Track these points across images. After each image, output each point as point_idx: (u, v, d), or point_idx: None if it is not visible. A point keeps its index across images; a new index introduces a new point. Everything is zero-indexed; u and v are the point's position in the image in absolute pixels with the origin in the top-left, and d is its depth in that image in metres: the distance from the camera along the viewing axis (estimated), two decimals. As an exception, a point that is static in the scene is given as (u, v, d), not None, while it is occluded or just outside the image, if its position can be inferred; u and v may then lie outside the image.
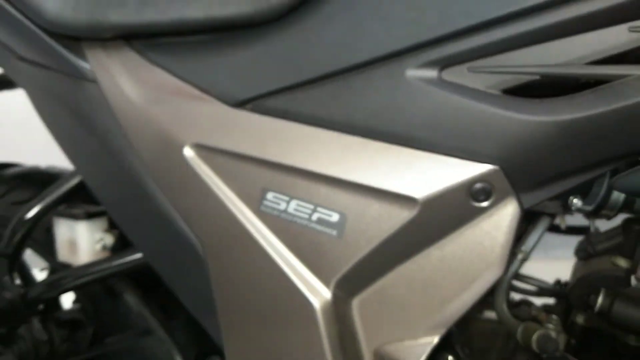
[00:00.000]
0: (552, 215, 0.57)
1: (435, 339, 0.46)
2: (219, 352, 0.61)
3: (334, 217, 0.49)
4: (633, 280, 0.55)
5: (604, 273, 0.56)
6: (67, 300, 0.96)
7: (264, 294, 0.53)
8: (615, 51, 0.39)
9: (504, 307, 0.55)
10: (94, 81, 0.61)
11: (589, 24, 0.39)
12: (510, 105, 0.42)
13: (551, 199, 0.51)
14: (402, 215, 0.45)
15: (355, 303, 0.50)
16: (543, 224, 0.58)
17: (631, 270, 0.55)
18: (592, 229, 0.60)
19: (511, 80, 0.42)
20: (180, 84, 0.57)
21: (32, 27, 0.64)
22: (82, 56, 0.63)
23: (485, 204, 0.44)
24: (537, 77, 0.41)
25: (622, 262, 0.56)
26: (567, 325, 0.57)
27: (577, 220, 0.64)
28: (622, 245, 0.57)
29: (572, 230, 0.63)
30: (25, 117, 0.82)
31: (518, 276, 0.66)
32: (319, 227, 0.49)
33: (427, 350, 0.46)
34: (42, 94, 0.71)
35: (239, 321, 0.55)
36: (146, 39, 0.60)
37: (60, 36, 0.63)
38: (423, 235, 0.46)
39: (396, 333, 0.48)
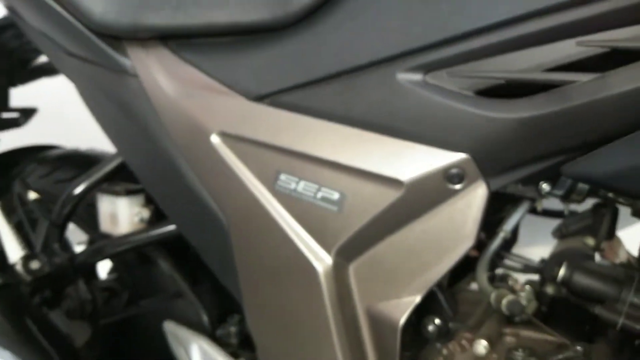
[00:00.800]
0: (532, 200, 0.65)
1: (417, 298, 0.55)
2: (239, 311, 0.71)
3: (335, 196, 0.57)
4: (597, 256, 0.63)
5: (574, 250, 0.64)
6: (104, 271, 1.07)
7: (276, 260, 0.62)
8: (565, 61, 0.47)
9: (484, 277, 0.63)
10: (134, 75, 0.71)
11: (545, 38, 0.47)
12: (479, 104, 0.50)
13: (521, 183, 0.59)
14: (390, 195, 0.54)
15: (352, 268, 0.58)
16: (523, 207, 0.66)
17: (596, 248, 0.63)
18: (566, 212, 0.67)
19: (482, 83, 0.50)
20: (208, 80, 0.65)
21: (81, 27, 0.73)
22: (124, 53, 0.72)
23: (458, 186, 0.52)
24: (503, 82, 0.49)
25: (590, 241, 0.64)
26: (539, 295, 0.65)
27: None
28: (591, 226, 0.65)
29: (550, 214, 0.70)
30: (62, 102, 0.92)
31: (506, 254, 0.74)
32: (322, 204, 0.58)
33: (410, 307, 0.55)
34: (88, 85, 0.81)
35: (255, 282, 0.65)
36: (179, 40, 0.69)
37: (104, 35, 0.72)
38: (408, 212, 0.54)
39: (385, 293, 0.57)
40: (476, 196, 0.52)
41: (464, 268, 0.70)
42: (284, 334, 0.63)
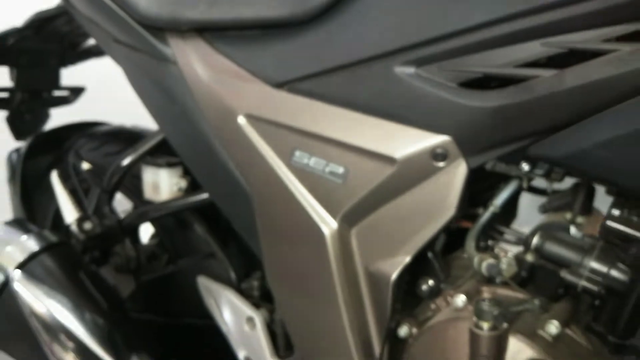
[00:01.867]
0: (520, 178, 0.73)
1: (407, 258, 0.63)
2: (261, 268, 0.81)
3: (340, 170, 0.65)
4: (572, 229, 0.71)
5: (552, 223, 0.72)
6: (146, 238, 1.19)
7: (290, 224, 0.70)
8: (531, 59, 0.54)
9: (472, 245, 0.69)
10: (174, 63, 0.80)
11: (516, 39, 0.54)
12: (460, 94, 0.56)
13: (504, 162, 0.67)
14: (386, 170, 0.62)
15: (354, 232, 0.67)
16: (512, 185, 0.73)
17: (571, 221, 0.71)
18: (549, 190, 0.75)
19: (464, 76, 0.57)
20: (237, 68, 0.74)
21: (128, 18, 0.83)
22: (166, 43, 0.81)
23: (442, 164, 0.59)
24: (481, 75, 0.58)
25: (568, 216, 0.72)
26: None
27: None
28: (569, 203, 0.73)
29: (536, 191, 0.78)
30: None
31: (502, 228, 0.81)
32: (329, 177, 0.66)
33: (402, 265, 0.63)
34: (134, 70, 0.90)
35: (273, 243, 0.74)
36: (213, 32, 0.77)
37: (149, 26, 0.81)
38: (400, 185, 0.62)
39: (381, 253, 0.65)
40: (457, 173, 0.59)
41: (460, 239, 0.79)
42: (296, 288, 0.73)
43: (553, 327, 0.57)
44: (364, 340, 0.69)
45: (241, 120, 0.73)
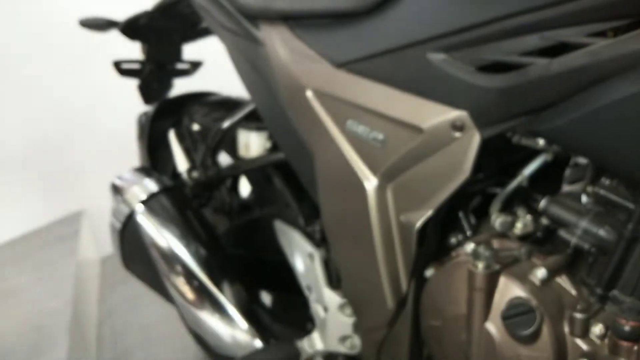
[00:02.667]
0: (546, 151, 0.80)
1: (430, 211, 0.73)
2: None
3: (381, 136, 0.77)
4: (583, 197, 0.78)
5: (569, 192, 0.80)
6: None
7: (341, 179, 0.83)
8: (531, 48, 0.63)
9: (496, 206, 0.78)
10: (263, 45, 0.95)
11: (522, 31, 0.64)
12: (476, 77, 0.66)
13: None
14: (415, 138, 0.72)
15: (389, 187, 0.78)
16: (540, 158, 0.79)
17: (583, 190, 0.77)
18: (571, 163, 0.81)
19: (480, 62, 0.66)
20: (309, 51, 0.87)
21: (231, 8, 0.99)
22: (258, 28, 0.95)
23: (459, 134, 0.68)
24: (493, 61, 0.68)
25: (581, 186, 0.79)
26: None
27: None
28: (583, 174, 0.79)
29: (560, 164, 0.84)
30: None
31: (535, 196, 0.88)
32: (372, 142, 0.78)
33: (425, 216, 0.74)
34: (234, 50, 1.07)
35: (327, 195, 0.88)
36: (295, 20, 0.90)
37: (246, 15, 0.97)
38: (426, 150, 0.72)
39: (409, 206, 0.77)
40: (472, 142, 0.68)
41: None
42: (343, 232, 0.87)
43: (540, 273, 0.67)
44: (394, 278, 0.82)
45: (309, 94, 0.87)
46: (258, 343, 1.03)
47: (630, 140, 0.58)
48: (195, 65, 1.54)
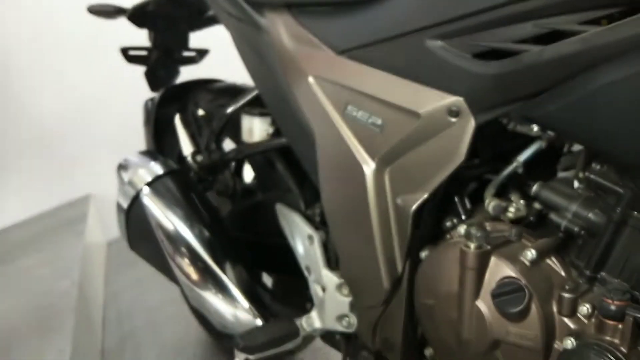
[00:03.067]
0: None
1: (426, 195, 0.75)
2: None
3: (379, 121, 0.78)
4: (575, 183, 0.80)
5: (562, 178, 0.82)
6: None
7: (340, 162, 0.85)
8: (524, 36, 0.64)
9: (491, 191, 0.79)
10: (267, 32, 0.97)
11: (515, 20, 0.66)
12: (472, 63, 0.67)
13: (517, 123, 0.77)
14: (413, 123, 0.74)
15: (387, 171, 0.80)
16: (535, 145, 0.80)
17: (575, 176, 0.79)
18: (565, 150, 0.83)
19: (476, 49, 0.67)
20: (311, 37, 0.88)
21: None
22: (263, 15, 0.97)
23: (454, 119, 0.69)
24: (489, 48, 0.70)
25: (574, 172, 0.81)
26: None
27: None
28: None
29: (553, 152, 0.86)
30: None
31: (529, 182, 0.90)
32: (371, 127, 0.80)
33: (420, 199, 0.76)
34: (238, 37, 1.08)
35: (327, 177, 0.89)
36: (298, 7, 0.92)
37: (252, 2, 0.98)
38: (423, 135, 0.73)
39: (406, 190, 0.78)
40: (467, 127, 0.69)
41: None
42: (342, 215, 0.89)
43: (530, 254, 0.69)
44: (389, 259, 0.83)
45: (311, 79, 0.89)
46: (259, 322, 1.05)
47: (619, 124, 0.59)
48: (201, 53, 1.57)
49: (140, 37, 1.52)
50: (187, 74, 1.58)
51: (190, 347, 1.64)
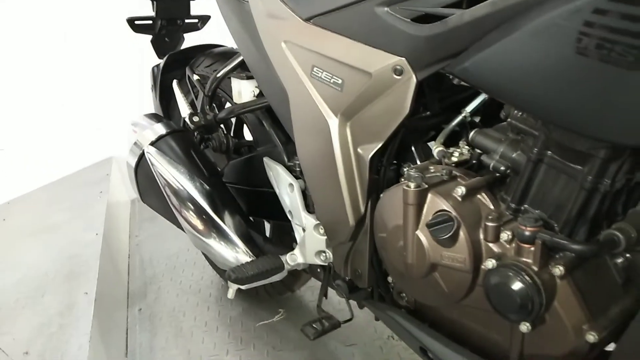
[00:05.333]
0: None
1: (380, 144, 0.85)
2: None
3: (340, 81, 0.88)
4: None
5: (500, 126, 0.91)
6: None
7: (310, 118, 0.95)
8: (455, 0, 0.74)
9: (440, 140, 0.89)
10: (247, 2, 1.07)
11: None
12: (411, 27, 0.75)
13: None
14: (366, 81, 0.83)
15: (348, 124, 0.90)
16: (481, 97, 0.89)
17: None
18: None
19: (414, 14, 0.75)
20: (283, 7, 0.97)
21: None
22: None
23: (399, 77, 0.78)
24: (424, 13, 0.78)
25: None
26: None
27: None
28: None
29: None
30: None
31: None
32: (333, 86, 0.89)
33: (375, 149, 0.86)
34: (224, 8, 1.18)
35: (300, 131, 0.99)
36: None
37: None
38: (374, 92, 0.82)
39: (363, 140, 0.88)
40: (410, 84, 0.78)
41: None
42: (313, 166, 0.99)
43: (460, 190, 0.79)
44: (354, 201, 0.94)
45: (283, 45, 0.99)
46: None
47: (517, 78, 0.67)
48: (204, 20, 1.64)
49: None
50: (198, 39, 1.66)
51: (206, 288, 1.80)
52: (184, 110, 1.31)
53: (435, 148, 0.89)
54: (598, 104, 0.59)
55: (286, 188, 1.11)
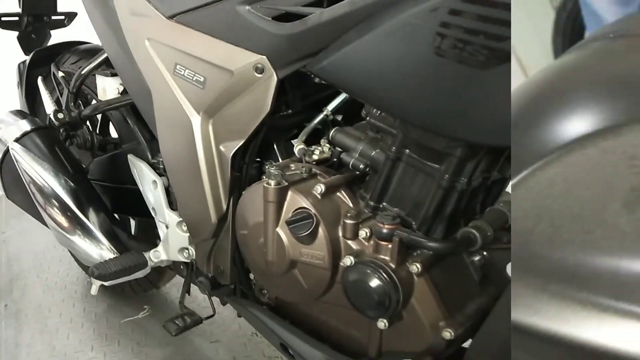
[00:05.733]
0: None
1: (241, 142, 0.72)
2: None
3: (202, 79, 0.73)
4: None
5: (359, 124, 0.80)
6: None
7: (172, 115, 0.79)
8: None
9: (302, 137, 0.76)
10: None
11: None
12: (271, 25, 0.63)
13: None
14: (227, 79, 0.69)
15: (210, 122, 0.75)
16: (342, 95, 0.78)
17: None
18: None
19: (274, 12, 0.63)
20: (147, 5, 0.79)
21: None
22: None
23: (260, 75, 0.66)
24: (285, 12, 0.65)
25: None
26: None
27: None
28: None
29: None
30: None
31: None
32: (196, 84, 0.74)
33: (237, 146, 0.73)
34: (89, 4, 0.95)
35: (163, 129, 0.82)
36: None
37: None
38: (236, 90, 0.69)
39: (225, 138, 0.74)
40: (271, 82, 0.66)
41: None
42: (176, 163, 0.82)
43: (320, 188, 0.67)
44: (216, 198, 0.79)
45: (146, 42, 0.80)
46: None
47: (369, 78, 0.57)
48: (70, 17, 1.37)
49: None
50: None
51: (72, 285, 1.52)
52: (49, 107, 1.07)
53: (297, 146, 0.77)
54: (452, 103, 0.50)
55: (150, 185, 0.92)
